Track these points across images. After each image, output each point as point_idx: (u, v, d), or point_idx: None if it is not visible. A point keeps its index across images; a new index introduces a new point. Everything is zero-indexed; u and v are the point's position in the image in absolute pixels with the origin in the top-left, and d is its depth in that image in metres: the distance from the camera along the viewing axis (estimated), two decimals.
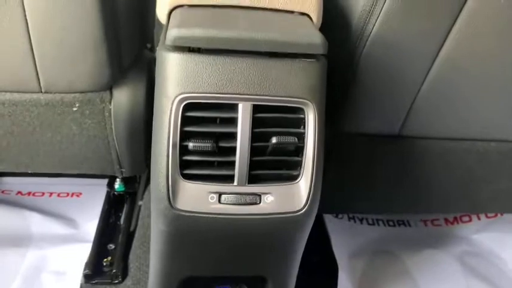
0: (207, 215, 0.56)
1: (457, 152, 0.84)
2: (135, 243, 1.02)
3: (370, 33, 0.63)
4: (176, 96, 0.52)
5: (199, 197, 0.55)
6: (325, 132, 0.58)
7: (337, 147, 0.80)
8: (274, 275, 0.70)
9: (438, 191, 0.93)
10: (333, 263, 1.07)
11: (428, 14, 0.62)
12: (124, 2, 0.75)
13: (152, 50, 1.03)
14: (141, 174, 1.13)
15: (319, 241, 1.13)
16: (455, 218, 1.31)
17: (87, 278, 0.96)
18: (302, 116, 0.55)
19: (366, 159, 0.85)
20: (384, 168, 0.86)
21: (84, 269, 0.97)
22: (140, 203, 1.11)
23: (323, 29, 0.62)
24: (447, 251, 1.21)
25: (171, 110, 0.53)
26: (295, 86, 0.54)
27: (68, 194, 1.27)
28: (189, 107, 0.53)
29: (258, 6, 0.58)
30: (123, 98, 0.81)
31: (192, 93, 0.52)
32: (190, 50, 0.52)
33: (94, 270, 0.97)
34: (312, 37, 0.53)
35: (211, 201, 0.55)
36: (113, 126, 0.83)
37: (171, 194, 0.55)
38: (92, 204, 1.21)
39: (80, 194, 1.27)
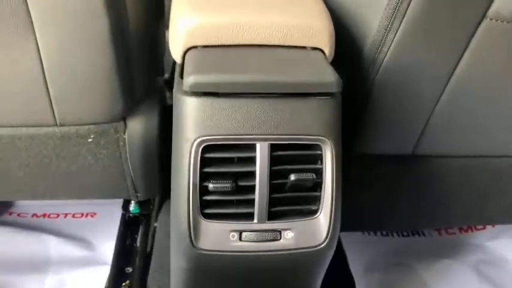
0: (228, 253, 0.56)
1: (471, 168, 0.85)
2: (153, 266, 1.03)
3: (383, 61, 0.64)
4: (195, 140, 0.53)
5: (220, 236, 0.56)
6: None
7: (350, 169, 0.81)
8: None
9: (454, 206, 0.93)
10: (349, 278, 1.08)
11: (441, 38, 0.62)
12: (135, 34, 0.76)
13: (163, 73, 1.03)
14: (155, 197, 1.14)
15: (335, 256, 1.13)
16: (469, 226, 1.31)
17: None
18: (319, 152, 0.56)
19: (380, 179, 0.85)
20: (399, 187, 0.87)
21: None
22: (155, 224, 1.12)
23: (335, 58, 0.63)
24: (462, 260, 1.21)
25: (190, 153, 0.53)
26: (311, 124, 0.54)
27: (82, 215, 1.28)
28: (207, 148, 0.54)
29: (271, 43, 0.58)
30: (137, 127, 0.82)
31: (210, 135, 0.53)
32: (207, 93, 0.53)
33: None
34: (325, 76, 0.54)
35: (232, 239, 0.56)
36: (127, 155, 0.84)
37: (193, 234, 0.56)
38: (106, 224, 1.22)
39: (95, 214, 1.28)
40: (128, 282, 1.01)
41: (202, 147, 0.53)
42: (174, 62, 0.73)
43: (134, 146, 0.83)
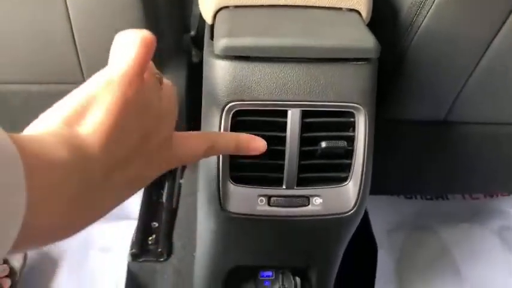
0: (256, 217, 0.57)
1: (500, 135, 0.83)
2: (178, 222, 1.05)
3: (420, 24, 0.61)
4: (226, 104, 0.52)
5: (249, 200, 0.56)
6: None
7: (379, 133, 0.80)
8: (319, 263, 0.72)
9: (481, 172, 0.91)
10: (372, 239, 1.08)
11: (484, 2, 0.59)
12: None
13: (189, 30, 1.01)
14: None
15: None
16: (494, 192, 1.29)
17: (134, 256, 1.00)
18: (352, 119, 0.55)
19: (410, 144, 0.84)
20: (428, 152, 0.85)
21: (131, 248, 1.01)
22: (181, 181, 1.13)
23: (370, 20, 0.60)
24: (485, 225, 1.20)
25: (221, 117, 0.53)
26: (346, 91, 0.53)
27: None
28: (238, 112, 0.53)
29: (306, 4, 0.56)
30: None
31: (241, 101, 0.52)
32: (239, 56, 0.51)
33: (140, 249, 1.01)
34: (364, 41, 0.52)
35: (261, 203, 0.56)
36: None
37: (222, 197, 0.56)
38: None
39: None
40: (154, 236, 1.04)
41: (233, 111, 0.53)
42: (201, 18, 0.71)
43: None
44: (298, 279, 0.73)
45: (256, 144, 0.44)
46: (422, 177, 0.92)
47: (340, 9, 0.57)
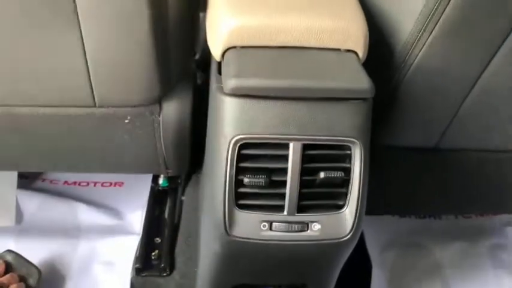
0: (259, 241, 0.61)
1: (489, 161, 0.87)
2: (180, 237, 1.09)
3: (413, 62, 0.65)
4: (233, 137, 0.57)
5: (252, 225, 0.60)
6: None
7: (373, 158, 0.84)
8: (316, 283, 0.76)
9: (471, 195, 0.96)
10: (366, 257, 1.12)
11: (474, 41, 0.63)
12: (174, 21, 0.77)
13: (195, 54, 1.06)
14: (184, 173, 1.19)
15: None
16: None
17: (138, 271, 1.03)
18: (348, 152, 0.59)
19: (402, 169, 0.88)
20: (421, 178, 0.90)
21: (135, 263, 1.04)
22: (183, 198, 1.17)
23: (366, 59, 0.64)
24: (478, 243, 1.23)
25: (228, 149, 0.57)
26: (343, 126, 0.57)
27: (110, 184, 1.32)
28: (243, 145, 0.58)
29: (307, 46, 0.60)
30: (171, 109, 0.86)
31: (247, 134, 0.57)
32: (246, 94, 0.56)
33: (144, 263, 1.04)
34: (360, 82, 0.56)
35: (263, 228, 0.61)
36: (161, 136, 0.88)
37: (227, 223, 0.60)
38: (133, 194, 1.26)
39: (122, 183, 1.32)
40: (157, 252, 1.07)
41: (239, 144, 0.57)
42: (206, 43, 0.76)
43: (168, 127, 0.87)
44: None
45: None
46: (414, 200, 0.96)
47: (339, 50, 0.61)
